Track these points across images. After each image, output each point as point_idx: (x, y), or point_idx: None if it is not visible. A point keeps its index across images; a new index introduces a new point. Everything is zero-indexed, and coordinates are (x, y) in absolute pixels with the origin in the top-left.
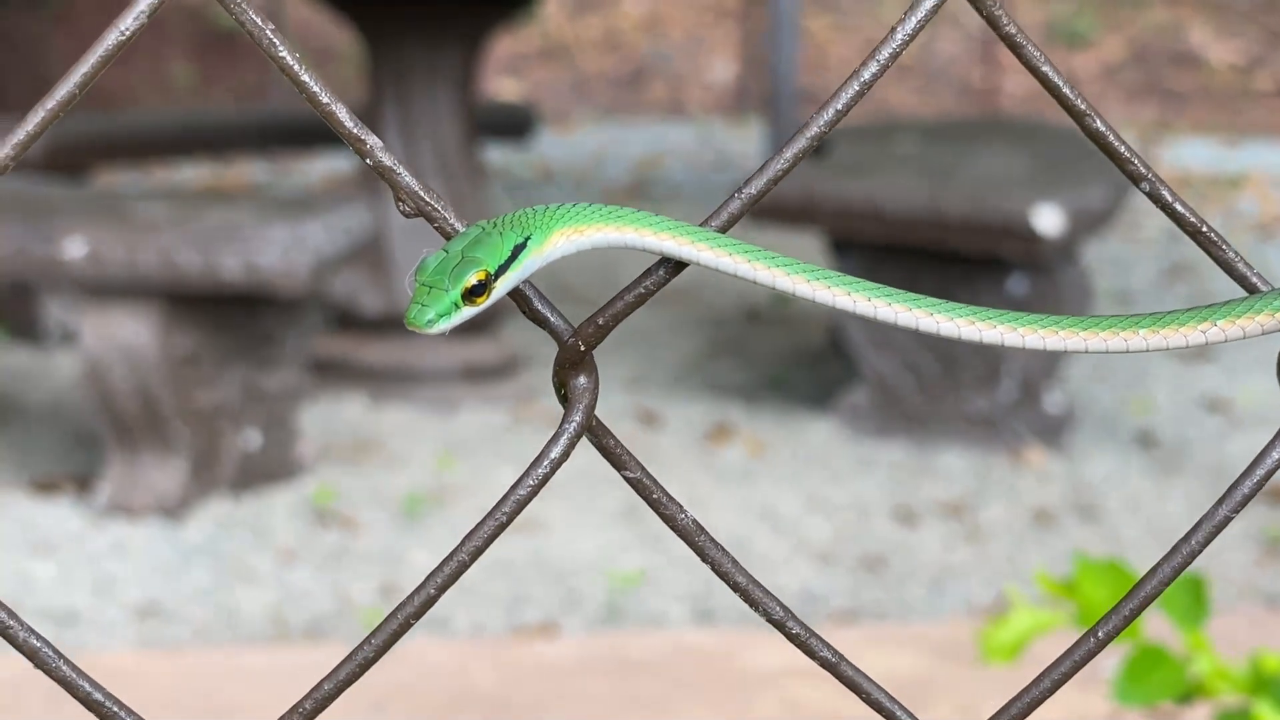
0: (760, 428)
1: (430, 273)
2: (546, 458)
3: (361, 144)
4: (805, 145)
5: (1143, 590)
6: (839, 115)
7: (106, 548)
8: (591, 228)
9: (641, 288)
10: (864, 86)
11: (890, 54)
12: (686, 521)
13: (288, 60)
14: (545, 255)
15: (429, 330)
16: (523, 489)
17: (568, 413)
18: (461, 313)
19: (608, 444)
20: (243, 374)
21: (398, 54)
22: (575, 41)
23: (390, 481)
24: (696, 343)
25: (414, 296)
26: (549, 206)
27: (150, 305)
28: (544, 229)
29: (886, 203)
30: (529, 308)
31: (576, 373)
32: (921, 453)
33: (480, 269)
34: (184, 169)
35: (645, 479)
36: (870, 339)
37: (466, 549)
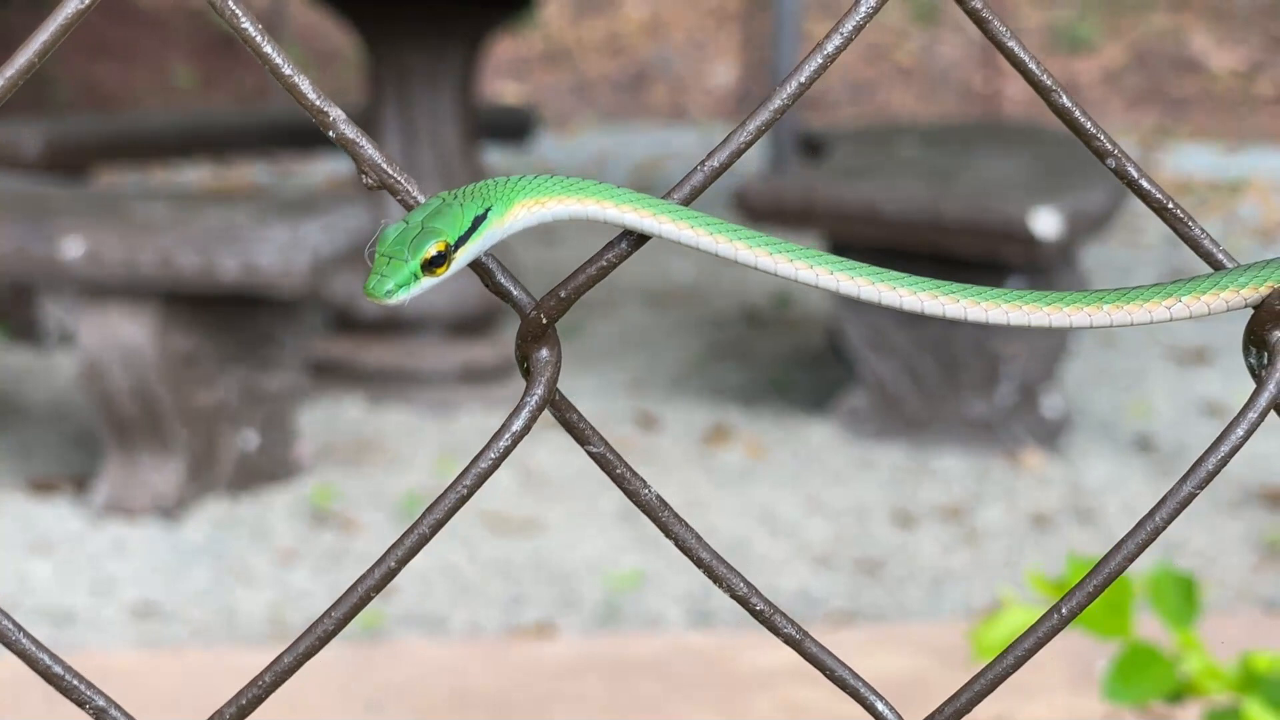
0: (760, 430)
1: (390, 243)
2: (508, 430)
3: (324, 116)
4: (768, 118)
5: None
6: (801, 88)
7: (104, 548)
8: (552, 199)
9: (604, 260)
10: (826, 59)
11: (854, 26)
12: (649, 497)
13: (250, 31)
14: (506, 227)
15: (387, 301)
16: (484, 462)
17: (529, 386)
18: (421, 283)
19: (570, 418)
20: (241, 375)
21: (398, 57)
22: (577, 45)
23: (389, 483)
24: (696, 345)
25: (373, 267)
26: (511, 178)
27: (148, 305)
28: (505, 200)
29: (886, 205)
30: (491, 280)
31: (539, 346)
32: (920, 456)
33: (440, 239)
34: (185, 170)
35: (609, 454)
36: (869, 342)
37: (427, 522)
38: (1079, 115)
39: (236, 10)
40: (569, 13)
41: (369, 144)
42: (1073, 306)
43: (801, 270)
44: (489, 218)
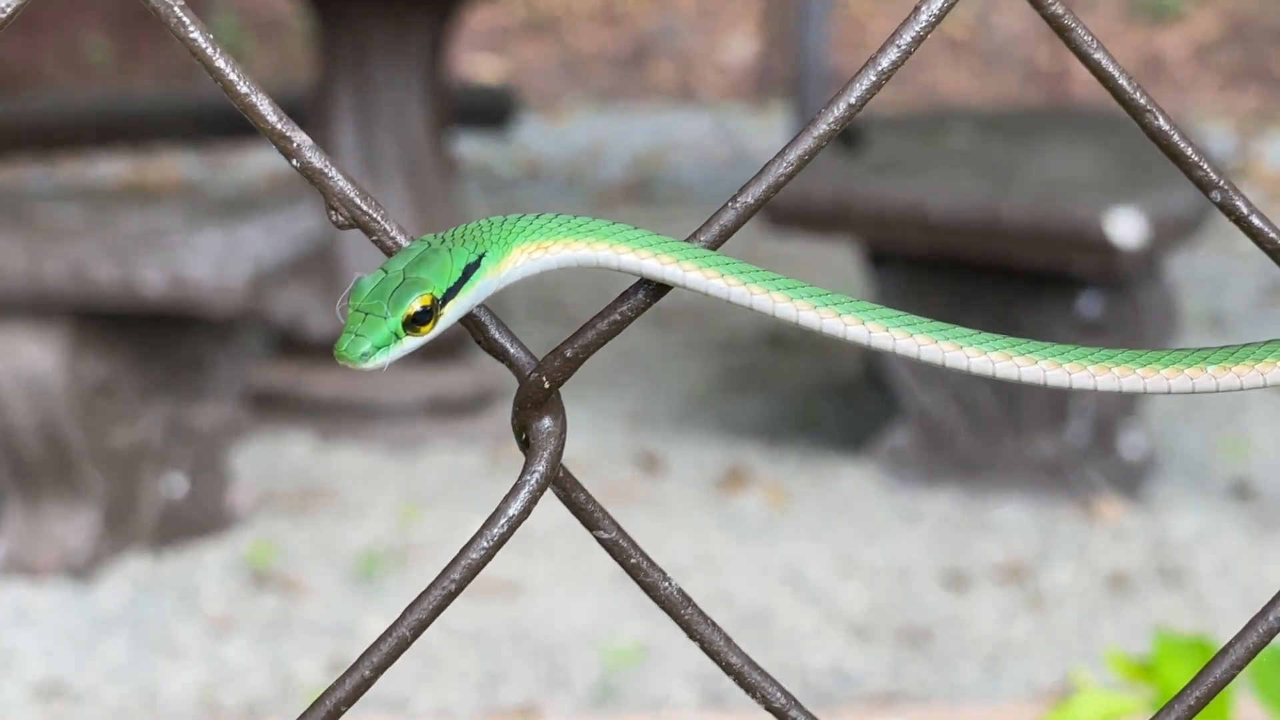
0: (783, 474)
1: (366, 296)
2: (504, 515)
3: (287, 142)
4: (812, 145)
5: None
6: (852, 110)
7: (3, 614)
8: (558, 244)
9: (617, 314)
10: (882, 76)
11: (913, 38)
12: (670, 591)
13: (200, 43)
14: (503, 276)
15: (364, 365)
16: (475, 552)
17: (529, 461)
18: (403, 344)
19: (577, 499)
20: (167, 408)
21: (354, 26)
22: (566, 13)
23: (342, 536)
24: (708, 372)
25: (347, 325)
26: (508, 218)
27: (57, 326)
28: (501, 245)
29: (935, 207)
30: (484, 336)
31: (540, 414)
32: (974, 505)
33: (425, 292)
34: (99, 163)
35: (621, 540)
36: (915, 369)
37: (408, 623)
38: (1178, 140)
39: (184, 18)
40: None
41: (340, 175)
42: (1171, 368)
43: (851, 326)
44: (483, 265)
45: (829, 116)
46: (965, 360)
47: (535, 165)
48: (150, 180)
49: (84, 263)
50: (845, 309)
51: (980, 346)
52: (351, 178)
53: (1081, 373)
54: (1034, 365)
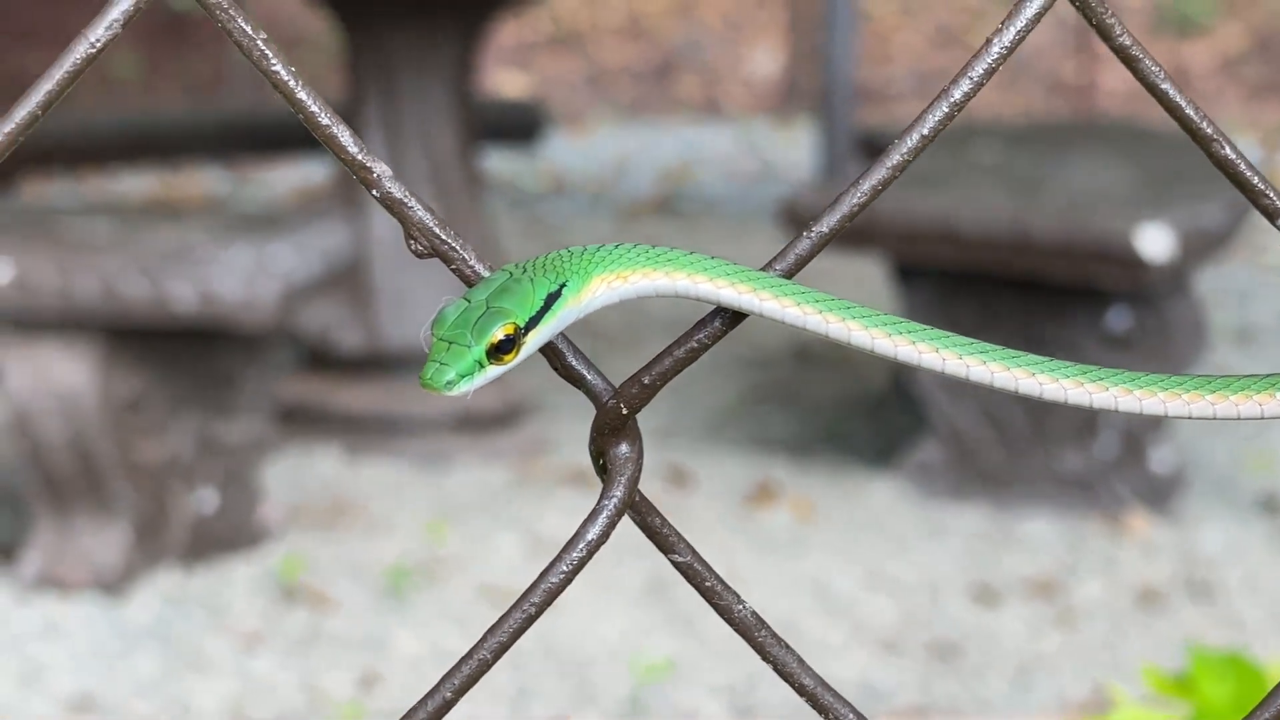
0: (811, 488)
1: (449, 326)
2: (582, 539)
3: (368, 172)
4: (886, 175)
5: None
6: (925, 141)
7: (34, 629)
8: (636, 273)
9: (694, 341)
10: (954, 108)
11: (985, 70)
12: (745, 614)
13: (282, 75)
14: (583, 305)
15: (449, 393)
16: (555, 576)
17: (607, 486)
18: (486, 373)
19: (653, 523)
20: (197, 423)
21: (382, 42)
22: (592, 28)
23: (371, 551)
24: (736, 387)
25: (431, 353)
26: (587, 248)
27: (88, 341)
28: (582, 274)
29: (962, 221)
30: (562, 363)
31: (617, 440)
32: (1003, 519)
33: (508, 321)
34: (125, 178)
35: (697, 564)
36: (943, 383)
37: (489, 645)
38: (1244, 169)
39: (267, 51)
40: None
41: (419, 205)
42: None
43: (926, 355)
44: (564, 295)
45: (902, 147)
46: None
47: (561, 180)
48: (176, 195)
49: (115, 279)
50: (921, 337)
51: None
52: (431, 207)
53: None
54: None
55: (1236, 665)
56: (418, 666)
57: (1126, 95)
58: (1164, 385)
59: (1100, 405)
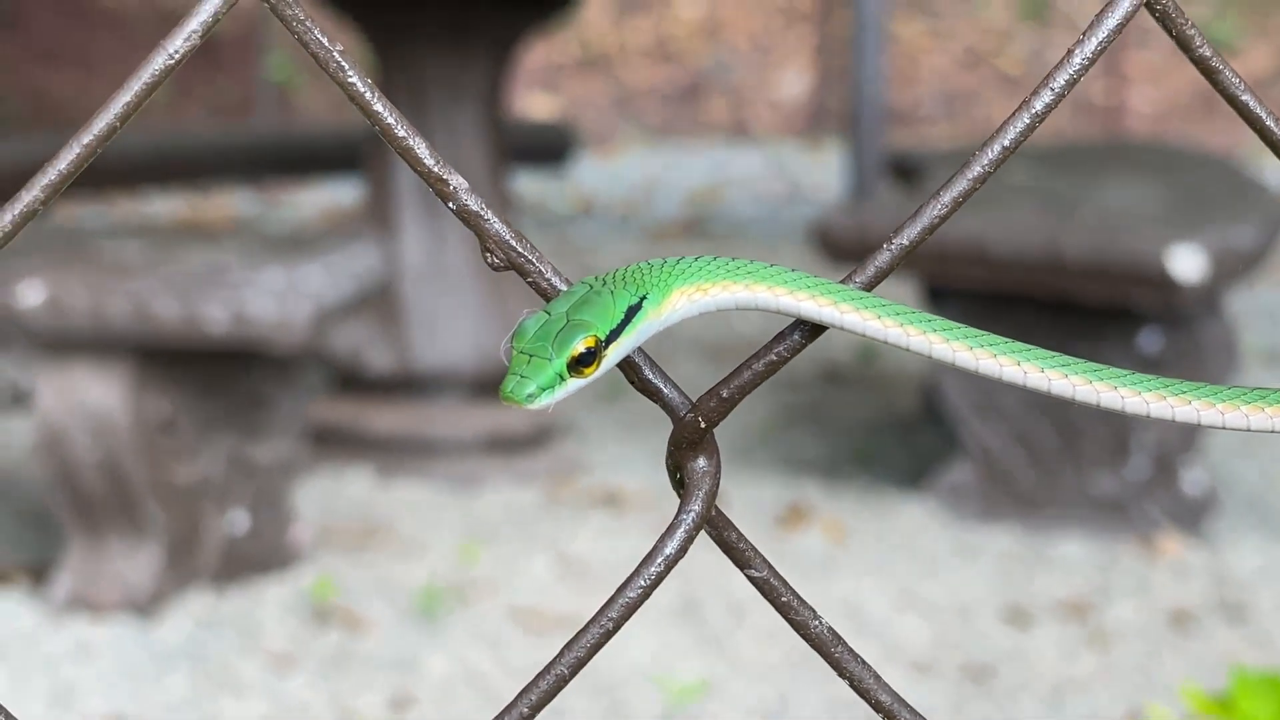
0: (842, 509)
1: (530, 339)
2: (660, 554)
3: (444, 185)
4: (967, 187)
5: None
6: (1006, 152)
7: (66, 650)
8: (716, 285)
9: (773, 354)
10: (1035, 119)
11: (1067, 80)
12: (821, 630)
13: (359, 87)
14: (664, 318)
15: (530, 406)
16: (632, 591)
17: (685, 500)
18: (567, 385)
19: (729, 538)
20: (228, 444)
21: (412, 64)
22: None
23: (402, 572)
24: (766, 409)
25: (511, 366)
26: (666, 261)
27: (120, 362)
28: (662, 287)
29: (993, 243)
30: (638, 377)
31: (695, 454)
32: (1035, 540)
33: (589, 334)
34: (154, 200)
35: (774, 579)
36: (974, 403)
37: (566, 660)
38: None
39: (343, 63)
40: (610, 12)
41: (496, 219)
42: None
43: (1008, 368)
44: (644, 307)
45: (984, 159)
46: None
47: (590, 202)
48: (205, 217)
49: (146, 300)
50: (1003, 350)
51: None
52: (507, 220)
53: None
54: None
55: (1277, 686)
56: (449, 688)
57: (1154, 116)
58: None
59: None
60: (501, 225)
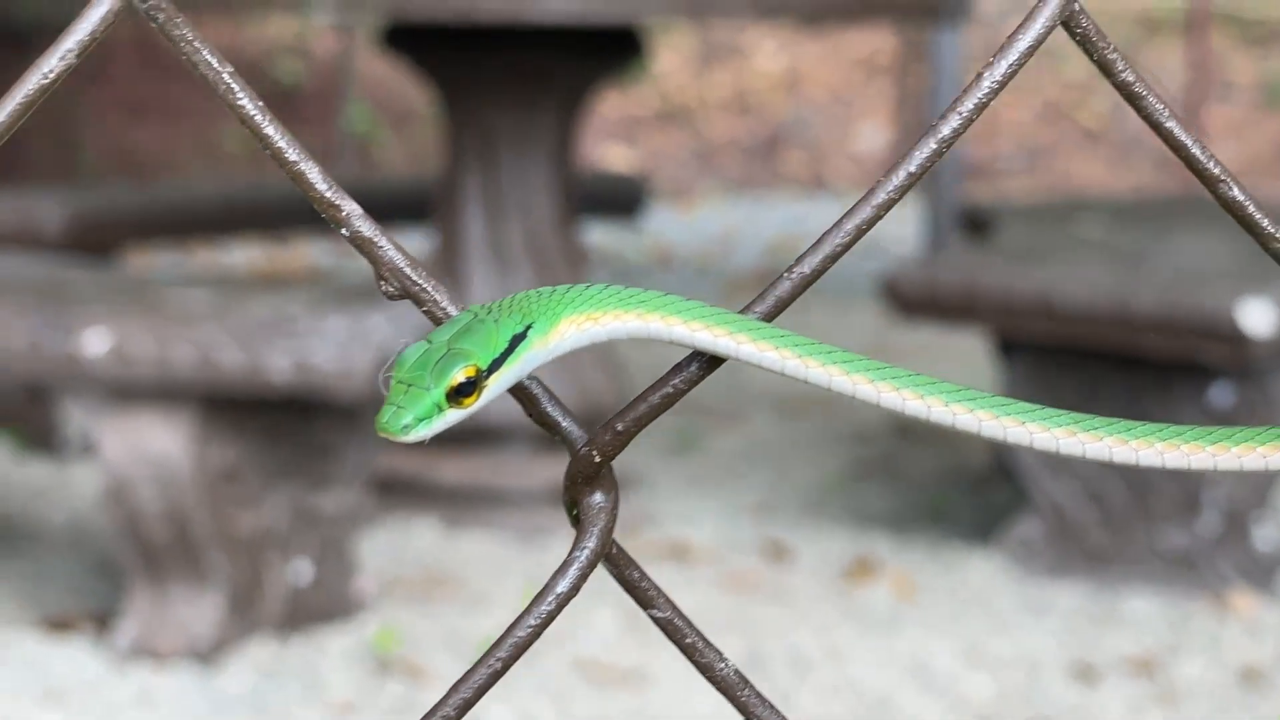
0: (910, 564)
1: (409, 368)
2: (552, 592)
3: (337, 210)
4: (871, 214)
5: None
6: (912, 178)
7: (129, 697)
8: (608, 314)
9: (669, 386)
10: (942, 144)
11: (975, 105)
12: (727, 672)
13: (249, 109)
14: (551, 348)
15: (404, 438)
16: (522, 630)
17: (579, 537)
18: (445, 417)
19: (630, 576)
20: (292, 494)
21: (482, 116)
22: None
23: (467, 624)
24: (836, 462)
25: (389, 396)
26: (557, 289)
27: (184, 410)
28: (549, 316)
29: (1063, 296)
30: (535, 409)
31: (591, 489)
32: (1105, 597)
33: (469, 364)
34: (233, 250)
35: (677, 620)
36: (1045, 460)
37: (452, 703)
38: (1253, 210)
39: (233, 85)
40: (690, 65)
41: (390, 244)
42: None
43: (910, 401)
44: (529, 337)
45: (888, 185)
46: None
47: (667, 254)
48: (281, 268)
49: (211, 348)
50: (905, 383)
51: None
52: (401, 247)
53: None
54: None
55: None
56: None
57: (1238, 171)
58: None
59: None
60: (396, 253)
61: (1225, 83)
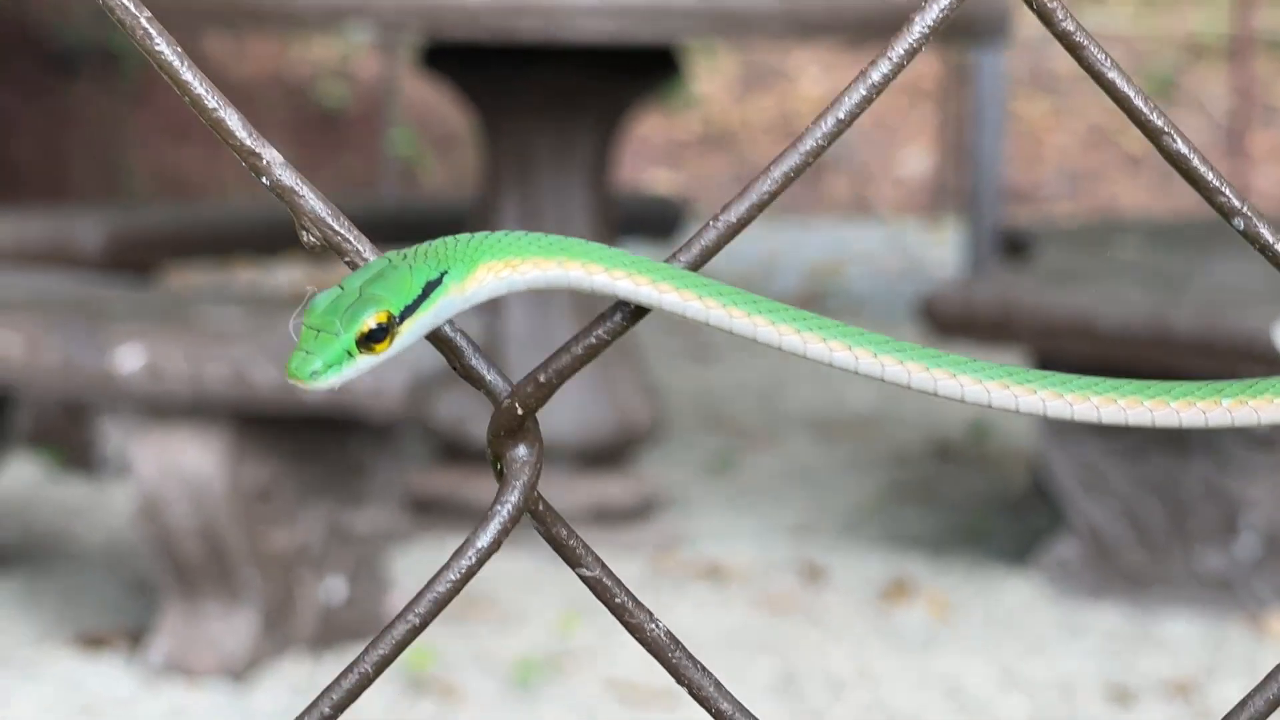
0: (947, 585)
1: (319, 314)
2: (472, 546)
3: (257, 159)
4: (799, 161)
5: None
6: (841, 125)
7: (161, 714)
8: (527, 262)
9: (592, 337)
10: (872, 89)
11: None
12: (658, 633)
13: (167, 56)
14: (468, 295)
15: (313, 385)
16: (442, 585)
17: (501, 491)
18: (356, 363)
19: (558, 534)
20: (326, 512)
21: (520, 137)
22: (742, 126)
23: (501, 643)
24: (874, 484)
25: (299, 342)
26: (475, 235)
27: (218, 428)
28: (466, 262)
29: (1101, 317)
30: (460, 362)
31: (515, 442)
32: (1142, 618)
33: (381, 309)
34: (275, 271)
35: (606, 579)
36: (1081, 481)
37: (370, 659)
38: (1197, 163)
39: (150, 30)
40: (733, 90)
41: (311, 193)
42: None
43: (838, 352)
44: (445, 283)
45: (816, 132)
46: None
47: (710, 276)
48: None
49: (245, 366)
50: (832, 334)
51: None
52: (324, 197)
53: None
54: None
55: None
56: None
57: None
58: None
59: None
60: (318, 202)
61: (1269, 107)
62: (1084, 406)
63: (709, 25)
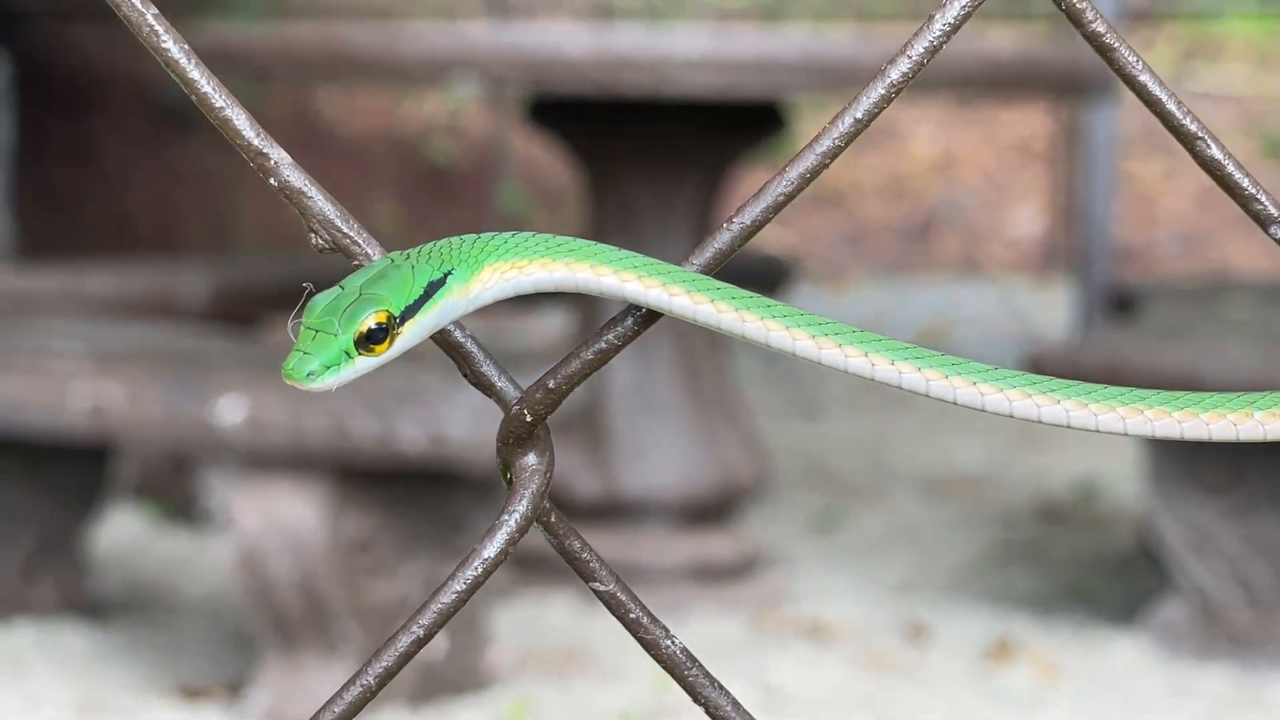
0: (1052, 646)
1: (318, 314)
2: (479, 556)
3: (265, 159)
4: (815, 163)
5: None
6: (859, 125)
7: None
8: (534, 264)
9: (602, 342)
10: (892, 89)
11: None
12: (674, 650)
13: (174, 53)
14: (471, 297)
15: (310, 385)
16: (447, 596)
17: (509, 500)
18: (355, 364)
19: (571, 546)
20: (426, 565)
21: (623, 190)
22: (853, 186)
23: (600, 699)
24: (979, 544)
25: (296, 342)
26: (482, 236)
27: (317, 480)
28: (471, 263)
29: (1208, 374)
30: (471, 369)
31: (524, 450)
32: (1250, 682)
33: (380, 309)
34: None
35: (621, 594)
36: (1189, 542)
37: (373, 671)
38: (1232, 170)
39: (157, 27)
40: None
41: (320, 194)
42: None
43: (853, 358)
44: (448, 284)
45: (834, 132)
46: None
47: None
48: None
49: (345, 418)
50: (848, 339)
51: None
52: (333, 199)
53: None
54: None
55: None
56: None
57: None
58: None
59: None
60: (326, 204)
61: None
62: (1109, 417)
63: (814, 80)
